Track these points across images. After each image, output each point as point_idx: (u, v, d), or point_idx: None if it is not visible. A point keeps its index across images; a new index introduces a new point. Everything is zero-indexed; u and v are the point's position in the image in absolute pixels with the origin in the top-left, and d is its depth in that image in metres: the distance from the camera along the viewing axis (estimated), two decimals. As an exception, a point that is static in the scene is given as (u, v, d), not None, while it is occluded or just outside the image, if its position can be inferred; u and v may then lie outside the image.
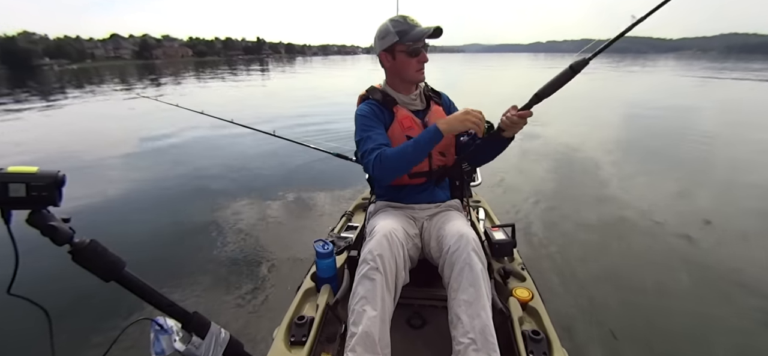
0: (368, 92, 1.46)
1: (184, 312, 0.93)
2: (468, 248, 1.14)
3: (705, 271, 2.54)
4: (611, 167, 4.89)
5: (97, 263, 0.79)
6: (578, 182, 4.34)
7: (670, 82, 19.29)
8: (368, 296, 1.08)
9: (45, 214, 0.73)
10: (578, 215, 3.39)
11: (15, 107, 11.16)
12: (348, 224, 1.87)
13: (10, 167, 0.69)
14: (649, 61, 47.36)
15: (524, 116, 1.19)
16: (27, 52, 74.15)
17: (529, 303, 1.26)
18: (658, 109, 9.67)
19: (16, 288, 0.71)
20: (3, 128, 8.16)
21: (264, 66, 46.46)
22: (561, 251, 2.76)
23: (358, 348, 1.02)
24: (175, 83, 20.97)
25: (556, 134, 6.52)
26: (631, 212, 3.48)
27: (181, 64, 67.06)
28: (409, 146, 1.24)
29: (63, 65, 69.64)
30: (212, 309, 2.09)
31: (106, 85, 21.24)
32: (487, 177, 2.75)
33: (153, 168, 4.85)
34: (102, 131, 7.06)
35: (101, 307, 1.96)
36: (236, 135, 6.10)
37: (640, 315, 2.12)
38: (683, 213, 3.45)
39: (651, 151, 5.73)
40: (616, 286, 2.37)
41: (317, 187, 4.00)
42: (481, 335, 1.03)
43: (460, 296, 1.09)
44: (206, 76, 27.20)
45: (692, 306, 2.23)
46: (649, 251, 2.82)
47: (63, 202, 0.74)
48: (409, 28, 1.30)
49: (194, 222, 3.29)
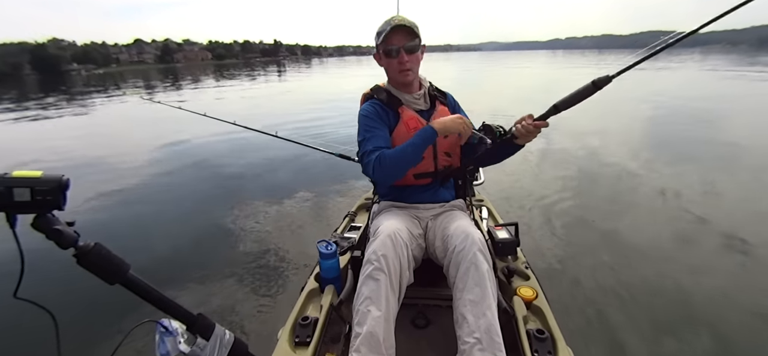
0: (373, 91, 1.45)
1: (189, 314, 0.94)
2: (474, 248, 1.14)
3: (707, 268, 2.48)
4: (618, 164, 4.79)
5: (101, 266, 0.80)
6: (582, 180, 4.25)
7: (694, 77, 18.57)
8: (372, 296, 1.08)
9: (50, 218, 0.74)
10: (582, 213, 3.34)
11: (27, 114, 11.61)
12: (351, 224, 1.88)
13: (14, 172, 0.70)
14: (673, 55, 45.66)
15: (540, 127, 1.18)
16: (56, 59, 78.06)
17: (533, 302, 1.25)
18: (673, 104, 9.44)
19: (22, 292, 0.73)
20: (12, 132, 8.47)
21: (281, 68, 47.38)
22: (565, 249, 2.73)
23: (363, 348, 1.02)
24: (192, 87, 21.62)
25: (560, 133, 6.39)
26: (636, 208, 3.42)
27: (201, 67, 69.88)
28: (408, 148, 1.24)
29: (90, 70, 73.58)
30: (216, 311, 2.12)
31: (127, 88, 22.30)
32: (489, 176, 2.72)
33: (154, 171, 4.91)
34: (103, 134, 7.22)
35: (106, 310, 2.00)
36: (239, 137, 6.18)
37: (644, 311, 2.09)
38: (691, 210, 3.36)
39: (659, 144, 5.62)
40: (620, 283, 2.33)
41: (320, 187, 4.03)
42: (487, 334, 1.02)
43: (465, 295, 1.09)
44: (224, 78, 27.87)
45: (700, 298, 2.19)
46: (654, 247, 2.76)
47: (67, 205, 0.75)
48: (385, 28, 1.30)
49: (197, 224, 3.34)
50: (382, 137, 1.32)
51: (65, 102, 14.99)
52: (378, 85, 1.46)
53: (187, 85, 22.29)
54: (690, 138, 6.08)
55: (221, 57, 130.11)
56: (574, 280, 2.36)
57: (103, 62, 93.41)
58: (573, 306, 2.11)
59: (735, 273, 2.48)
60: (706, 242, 2.84)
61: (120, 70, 77.39)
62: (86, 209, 3.63)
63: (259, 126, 2.79)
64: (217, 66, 68.63)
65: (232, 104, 12.41)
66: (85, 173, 4.91)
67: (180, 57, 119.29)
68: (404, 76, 1.36)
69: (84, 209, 3.64)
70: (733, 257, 2.62)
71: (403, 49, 1.31)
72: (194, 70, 53.10)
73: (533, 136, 1.21)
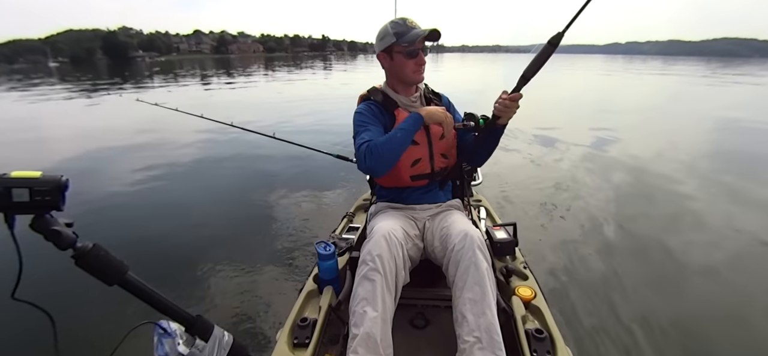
0: (369, 93, 1.46)
1: (188, 316, 0.93)
2: (473, 246, 1.15)
3: (706, 268, 2.54)
4: (619, 164, 4.87)
5: (100, 267, 0.79)
6: (582, 180, 4.30)
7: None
8: (368, 297, 1.08)
9: (48, 219, 0.74)
10: (581, 213, 3.37)
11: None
12: (349, 225, 1.88)
13: (13, 173, 0.69)
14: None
15: (515, 99, 1.22)
16: (124, 46, 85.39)
17: (531, 302, 1.26)
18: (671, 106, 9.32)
19: (20, 293, 0.72)
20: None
21: (327, 63, 47.67)
22: (564, 249, 2.75)
23: (360, 349, 1.02)
24: (245, 77, 22.67)
25: (560, 133, 6.49)
26: (635, 208, 3.47)
27: (252, 58, 71.75)
28: (396, 132, 1.26)
29: (153, 57, 77.70)
30: (215, 312, 2.10)
31: (185, 76, 23.98)
32: (487, 177, 2.75)
33: (152, 172, 4.81)
34: (103, 137, 7.05)
35: (105, 311, 1.97)
36: (238, 138, 6.08)
37: (643, 310, 2.11)
38: (683, 208, 3.44)
39: (668, 147, 5.68)
40: (619, 283, 2.36)
41: (318, 188, 4.00)
42: (487, 333, 1.03)
43: (465, 294, 1.10)
44: (275, 70, 29.30)
45: (701, 296, 2.24)
46: (654, 247, 2.80)
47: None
48: (407, 30, 1.32)
49: (195, 225, 3.29)
50: (376, 132, 1.33)
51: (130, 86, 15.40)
52: (374, 87, 1.47)
53: (238, 75, 23.23)
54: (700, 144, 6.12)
55: (272, 50, 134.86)
56: (573, 280, 2.38)
57: (165, 50, 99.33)
58: (571, 306, 2.13)
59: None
60: (705, 241, 2.90)
61: (179, 58, 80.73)
62: (83, 211, 3.54)
63: (257, 127, 2.78)
64: (267, 59, 69.73)
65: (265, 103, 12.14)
66: (82, 172, 4.82)
67: (234, 48, 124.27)
68: (419, 76, 1.40)
69: (80, 210, 3.54)
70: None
71: (421, 51, 1.36)
72: (246, 61, 55.29)
73: (512, 111, 1.25)
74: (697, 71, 30.87)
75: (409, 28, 1.32)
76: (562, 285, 2.33)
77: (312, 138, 5.78)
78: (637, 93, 15.40)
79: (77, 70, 37.00)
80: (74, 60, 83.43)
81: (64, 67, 56.74)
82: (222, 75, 25.66)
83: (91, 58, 77.54)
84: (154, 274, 2.42)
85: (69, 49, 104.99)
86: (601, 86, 18.16)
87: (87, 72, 31.84)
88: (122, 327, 0.89)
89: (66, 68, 47.94)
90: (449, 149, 1.45)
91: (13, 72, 40.08)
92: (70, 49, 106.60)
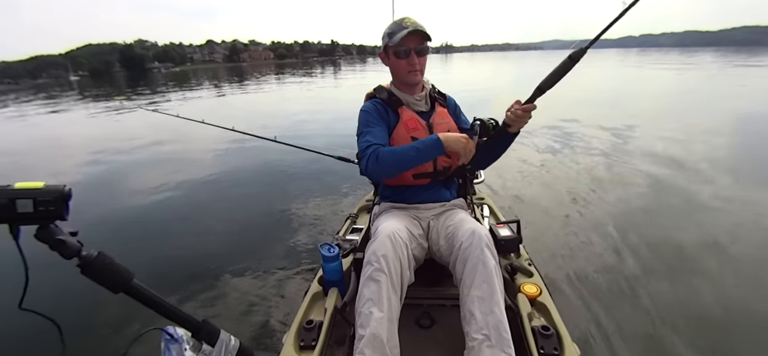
0: (375, 91, 1.47)
1: (194, 321, 0.94)
2: (481, 244, 1.14)
3: (706, 266, 2.44)
4: (619, 159, 4.76)
5: (105, 275, 0.80)
6: (583, 177, 4.20)
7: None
8: (374, 297, 1.08)
9: (53, 228, 0.75)
10: (584, 209, 3.32)
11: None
12: (353, 226, 1.87)
13: (17, 184, 0.71)
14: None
15: (528, 110, 1.20)
16: (141, 58, 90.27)
17: (537, 299, 1.25)
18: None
19: (27, 303, 0.73)
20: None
21: (336, 67, 48.22)
22: (568, 245, 2.71)
23: (367, 350, 1.01)
24: (256, 83, 23.39)
25: (561, 133, 6.36)
26: (638, 204, 3.39)
27: (263, 65, 73.50)
28: (411, 151, 1.24)
29: (168, 68, 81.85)
30: (221, 317, 2.11)
31: (199, 86, 24.47)
32: (490, 174, 2.71)
33: (155, 178, 4.88)
34: (104, 144, 7.21)
35: (111, 319, 1.99)
36: (241, 143, 6.21)
37: (648, 306, 2.07)
38: (691, 201, 3.36)
39: (665, 139, 5.53)
40: (624, 277, 2.32)
41: (321, 190, 4.02)
42: (495, 331, 1.02)
43: (473, 292, 1.09)
44: (285, 76, 29.79)
45: (705, 292, 2.17)
46: (658, 242, 2.73)
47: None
48: (399, 30, 1.32)
49: (199, 231, 3.33)
50: (381, 133, 1.32)
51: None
52: (381, 85, 1.48)
53: (250, 82, 23.89)
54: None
55: (282, 56, 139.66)
56: (578, 276, 2.34)
57: (179, 61, 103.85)
58: (577, 302, 2.10)
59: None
60: (719, 238, 2.79)
61: (193, 68, 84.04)
62: (88, 219, 3.62)
63: (258, 132, 2.79)
64: (278, 65, 71.59)
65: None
66: (85, 182, 4.94)
67: (245, 56, 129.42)
68: (413, 77, 1.38)
69: (86, 218, 3.63)
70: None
71: (414, 52, 1.34)
72: (257, 68, 57.37)
73: (524, 121, 1.23)
74: (723, 61, 28.75)
75: (402, 28, 1.32)
76: (567, 281, 2.29)
77: (314, 141, 5.81)
78: (652, 88, 14.80)
79: (96, 84, 38.63)
80: (93, 73, 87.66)
81: (83, 80, 59.22)
82: (234, 83, 26.19)
83: (110, 71, 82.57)
84: (159, 279, 2.46)
85: (88, 62, 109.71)
86: (613, 83, 17.53)
87: (105, 84, 33.19)
88: (129, 334, 0.91)
89: (86, 81, 49.85)
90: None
91: (38, 88, 41.80)
92: (89, 62, 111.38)
